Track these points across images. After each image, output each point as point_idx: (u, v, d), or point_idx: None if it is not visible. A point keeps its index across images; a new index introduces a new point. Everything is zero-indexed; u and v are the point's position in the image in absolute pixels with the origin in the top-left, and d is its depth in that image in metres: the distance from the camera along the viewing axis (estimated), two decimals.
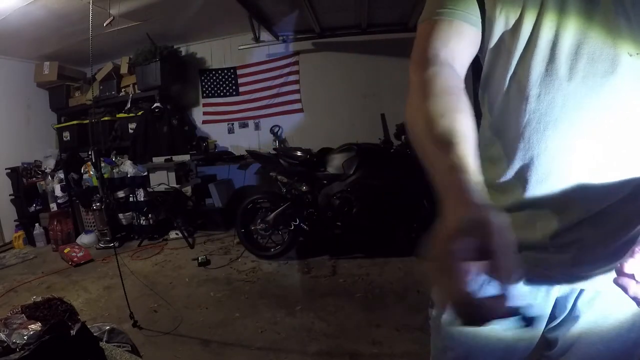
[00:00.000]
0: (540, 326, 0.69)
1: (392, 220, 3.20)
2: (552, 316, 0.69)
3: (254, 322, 2.39)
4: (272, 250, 3.42)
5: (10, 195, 4.59)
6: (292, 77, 4.95)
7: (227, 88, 5.16)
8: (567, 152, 0.58)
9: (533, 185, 0.62)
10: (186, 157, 4.43)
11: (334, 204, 3.19)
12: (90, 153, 4.49)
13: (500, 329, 0.69)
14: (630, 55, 0.53)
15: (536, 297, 0.67)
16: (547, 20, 0.57)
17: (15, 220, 4.63)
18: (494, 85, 0.66)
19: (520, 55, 0.60)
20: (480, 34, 0.63)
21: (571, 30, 0.55)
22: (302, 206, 3.32)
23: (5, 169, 4.50)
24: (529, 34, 0.58)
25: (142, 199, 4.31)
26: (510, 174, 0.65)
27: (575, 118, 0.57)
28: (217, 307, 2.64)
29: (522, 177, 0.63)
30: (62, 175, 4.47)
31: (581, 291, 0.65)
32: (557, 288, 0.67)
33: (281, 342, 2.16)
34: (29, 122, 4.88)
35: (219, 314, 2.52)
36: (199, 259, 3.43)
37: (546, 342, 0.72)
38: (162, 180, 4.21)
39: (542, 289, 0.67)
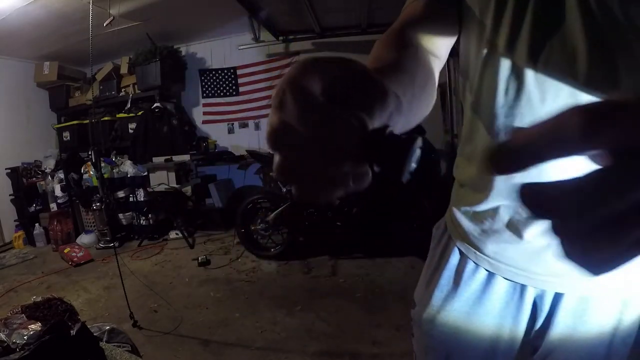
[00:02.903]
0: (518, 328, 0.68)
1: (393, 220, 3.20)
2: (533, 320, 0.68)
3: (254, 322, 2.39)
4: (272, 250, 3.42)
5: (10, 195, 4.59)
6: None
7: (227, 88, 5.16)
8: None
9: (515, 185, 0.60)
10: (186, 157, 4.43)
11: (334, 204, 3.19)
12: (90, 153, 4.49)
13: (480, 327, 0.69)
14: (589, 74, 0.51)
15: (510, 302, 0.67)
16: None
17: (15, 220, 4.63)
18: (469, 72, 0.65)
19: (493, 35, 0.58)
20: (457, 16, 0.61)
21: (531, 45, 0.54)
22: (302, 206, 3.32)
23: (5, 169, 4.50)
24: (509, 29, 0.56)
25: (142, 199, 4.31)
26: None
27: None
28: (217, 307, 2.64)
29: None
30: (62, 175, 4.47)
31: (560, 295, 0.63)
32: (532, 290, 0.66)
33: (281, 342, 2.16)
34: (29, 122, 4.89)
35: (219, 314, 2.52)
36: (199, 259, 3.43)
37: (531, 347, 0.70)
38: (162, 180, 4.21)
39: (517, 291, 0.66)
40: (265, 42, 4.78)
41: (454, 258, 0.72)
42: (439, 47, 0.59)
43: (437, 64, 0.57)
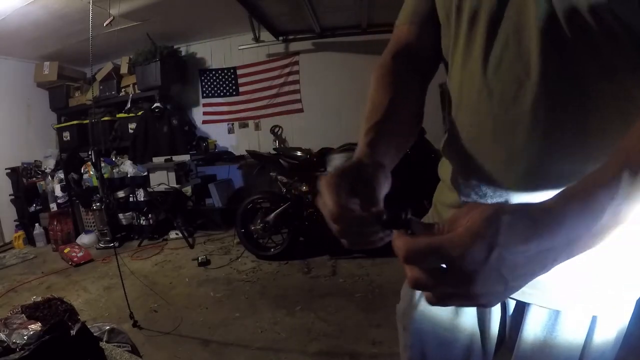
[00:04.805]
0: (492, 328, 0.68)
1: None
2: (504, 322, 0.68)
3: (254, 322, 2.39)
4: (272, 250, 3.42)
5: (10, 195, 4.59)
6: (292, 77, 4.95)
7: (227, 88, 5.16)
8: None
9: (475, 185, 0.61)
10: (186, 157, 4.42)
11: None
12: (90, 153, 4.49)
13: (457, 325, 0.69)
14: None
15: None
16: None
17: (15, 220, 4.63)
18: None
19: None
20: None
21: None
22: (302, 206, 3.32)
23: (5, 169, 4.50)
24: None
25: (142, 199, 4.31)
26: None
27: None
28: (217, 307, 2.64)
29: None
30: (62, 175, 4.47)
31: (528, 305, 0.62)
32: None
33: (281, 342, 2.16)
34: (29, 122, 4.89)
35: (219, 314, 2.52)
36: (199, 259, 3.43)
37: (507, 352, 0.70)
38: (162, 180, 4.21)
39: None
40: (265, 42, 4.78)
41: None
42: (427, 66, 0.70)
43: (428, 78, 0.71)
